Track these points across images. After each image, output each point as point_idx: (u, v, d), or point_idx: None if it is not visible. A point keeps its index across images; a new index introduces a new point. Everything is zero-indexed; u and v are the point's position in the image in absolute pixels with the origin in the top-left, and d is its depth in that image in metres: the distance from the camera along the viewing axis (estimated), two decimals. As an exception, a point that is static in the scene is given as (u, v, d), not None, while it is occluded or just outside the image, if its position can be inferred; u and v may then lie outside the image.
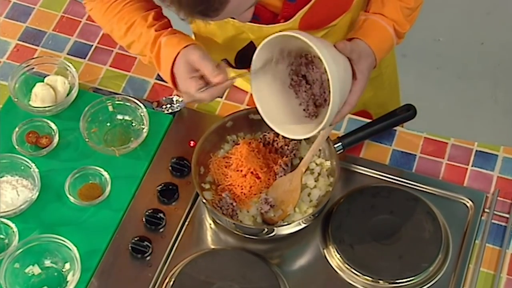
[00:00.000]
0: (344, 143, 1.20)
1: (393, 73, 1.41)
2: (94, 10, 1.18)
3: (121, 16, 1.15)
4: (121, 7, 1.15)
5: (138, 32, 1.13)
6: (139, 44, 1.14)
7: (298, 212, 1.15)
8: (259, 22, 1.13)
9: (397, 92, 1.45)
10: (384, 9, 1.15)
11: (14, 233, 1.12)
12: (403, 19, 1.15)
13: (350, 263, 1.12)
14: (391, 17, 1.14)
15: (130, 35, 1.14)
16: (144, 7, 1.15)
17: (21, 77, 1.28)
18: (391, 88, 1.41)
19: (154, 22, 1.13)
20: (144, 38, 1.13)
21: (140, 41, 1.13)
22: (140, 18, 1.13)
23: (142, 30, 1.13)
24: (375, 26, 1.13)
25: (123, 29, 1.14)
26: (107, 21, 1.16)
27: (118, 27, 1.15)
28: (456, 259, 1.13)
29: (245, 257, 1.12)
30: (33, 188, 1.17)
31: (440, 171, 1.22)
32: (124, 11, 1.14)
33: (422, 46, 2.28)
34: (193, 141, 1.23)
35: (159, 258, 1.13)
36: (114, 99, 1.25)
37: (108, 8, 1.15)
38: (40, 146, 1.22)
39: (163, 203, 1.17)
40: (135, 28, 1.14)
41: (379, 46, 1.12)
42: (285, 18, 1.13)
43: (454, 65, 2.25)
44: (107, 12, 1.16)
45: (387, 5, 1.15)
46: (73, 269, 1.10)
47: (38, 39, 1.36)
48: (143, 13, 1.14)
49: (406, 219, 1.15)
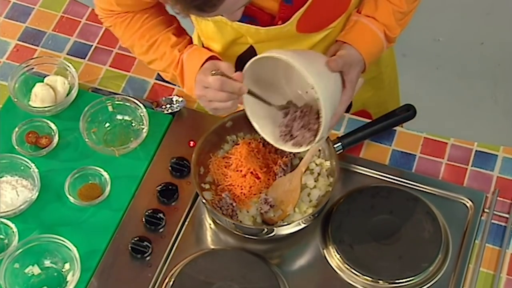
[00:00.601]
0: (343, 143, 1.20)
1: (392, 73, 1.41)
2: (114, 27, 1.19)
3: (142, 33, 1.16)
4: (141, 23, 1.16)
5: (162, 51, 1.15)
6: (162, 63, 1.15)
7: (298, 212, 1.15)
8: (256, 25, 1.13)
9: (397, 92, 1.45)
10: (376, 13, 1.15)
11: (14, 233, 1.12)
12: (395, 24, 1.15)
13: (350, 263, 1.12)
14: (383, 21, 1.15)
15: (153, 53, 1.16)
16: (163, 22, 1.16)
17: (21, 77, 1.28)
18: (391, 87, 1.41)
19: (177, 40, 1.15)
20: (168, 57, 1.14)
21: (164, 60, 1.15)
22: (163, 37, 1.15)
23: (166, 50, 1.14)
24: (366, 31, 1.14)
25: (145, 46, 1.16)
26: (127, 38, 1.18)
27: (139, 44, 1.16)
28: (456, 259, 1.13)
29: (245, 257, 1.12)
30: (33, 188, 1.17)
31: (440, 171, 1.22)
32: (144, 28, 1.16)
33: (422, 46, 2.27)
34: (192, 141, 1.23)
35: (159, 258, 1.13)
36: (113, 99, 1.25)
37: (128, 25, 1.16)
38: (40, 146, 1.22)
39: (163, 203, 1.17)
40: (158, 47, 1.15)
41: (369, 51, 1.13)
42: (282, 20, 1.13)
43: (454, 65, 2.25)
44: (127, 28, 1.17)
45: (379, 8, 1.15)
46: (73, 269, 1.10)
47: (38, 39, 1.36)
48: (164, 30, 1.15)
49: (406, 219, 1.15)
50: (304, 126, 1.08)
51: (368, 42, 1.14)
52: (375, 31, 1.14)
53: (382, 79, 1.37)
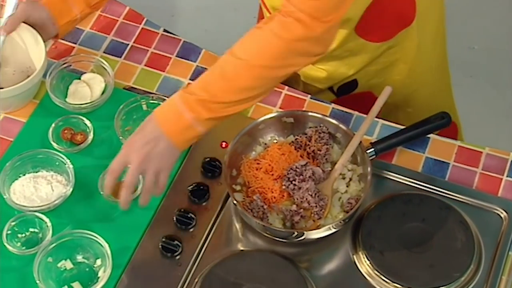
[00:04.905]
0: (376, 149, 1.19)
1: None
2: None
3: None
4: None
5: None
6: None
7: (328, 217, 1.15)
8: None
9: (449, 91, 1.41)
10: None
11: (48, 227, 1.14)
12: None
13: (379, 269, 1.11)
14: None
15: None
16: None
17: (58, 74, 1.30)
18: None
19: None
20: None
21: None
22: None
23: None
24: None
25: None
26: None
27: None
28: (489, 270, 1.11)
29: (274, 260, 1.12)
30: (67, 184, 1.19)
31: (474, 181, 1.21)
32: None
33: (456, 54, 2.24)
34: (225, 142, 1.23)
35: (189, 258, 1.13)
36: (148, 98, 1.26)
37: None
38: (75, 142, 1.24)
39: (194, 203, 1.18)
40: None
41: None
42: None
43: (488, 74, 2.22)
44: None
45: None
46: (104, 265, 1.11)
47: (76, 37, 1.38)
48: None
49: (438, 228, 1.14)
50: None
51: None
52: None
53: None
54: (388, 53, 1.26)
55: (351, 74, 1.30)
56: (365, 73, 1.30)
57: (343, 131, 1.19)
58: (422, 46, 1.28)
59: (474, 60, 2.25)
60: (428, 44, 1.30)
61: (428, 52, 1.32)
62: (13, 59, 1.29)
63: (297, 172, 1.14)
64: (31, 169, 1.20)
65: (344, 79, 1.32)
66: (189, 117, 1.05)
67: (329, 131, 1.20)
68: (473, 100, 2.18)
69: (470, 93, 2.19)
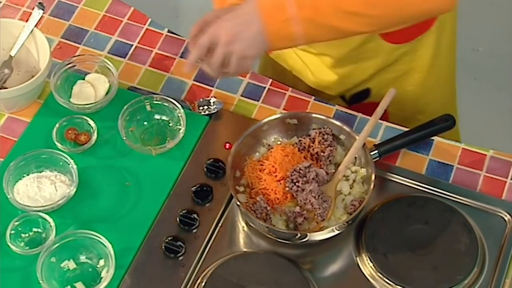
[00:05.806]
0: (380, 151, 1.19)
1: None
2: None
3: None
4: None
5: None
6: None
7: (332, 218, 1.14)
8: None
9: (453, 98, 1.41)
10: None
11: (51, 227, 1.14)
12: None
13: (383, 272, 1.11)
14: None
15: None
16: None
17: (62, 74, 1.30)
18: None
19: None
20: None
21: None
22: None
23: None
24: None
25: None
26: None
27: None
28: (492, 273, 1.11)
29: (277, 261, 1.12)
30: (71, 184, 1.19)
31: (478, 183, 1.20)
32: None
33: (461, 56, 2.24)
34: (229, 144, 1.23)
35: (192, 259, 1.13)
36: (152, 99, 1.27)
37: None
38: (79, 142, 1.24)
39: (197, 204, 1.18)
40: None
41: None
42: None
43: (493, 76, 2.22)
44: None
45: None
46: (107, 266, 1.11)
47: (80, 37, 1.38)
48: None
49: (442, 230, 1.13)
50: None
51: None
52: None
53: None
54: (403, 61, 1.25)
55: (362, 80, 1.30)
56: (379, 82, 1.30)
57: (347, 133, 1.19)
58: (437, 55, 1.28)
59: (478, 62, 2.25)
60: (443, 53, 1.30)
61: (442, 62, 1.32)
62: (18, 59, 1.29)
63: (301, 174, 1.14)
64: (35, 169, 1.20)
65: (356, 86, 1.31)
66: (291, 11, 0.98)
67: (333, 133, 1.20)
68: (477, 102, 2.18)
69: (474, 95, 2.19)
